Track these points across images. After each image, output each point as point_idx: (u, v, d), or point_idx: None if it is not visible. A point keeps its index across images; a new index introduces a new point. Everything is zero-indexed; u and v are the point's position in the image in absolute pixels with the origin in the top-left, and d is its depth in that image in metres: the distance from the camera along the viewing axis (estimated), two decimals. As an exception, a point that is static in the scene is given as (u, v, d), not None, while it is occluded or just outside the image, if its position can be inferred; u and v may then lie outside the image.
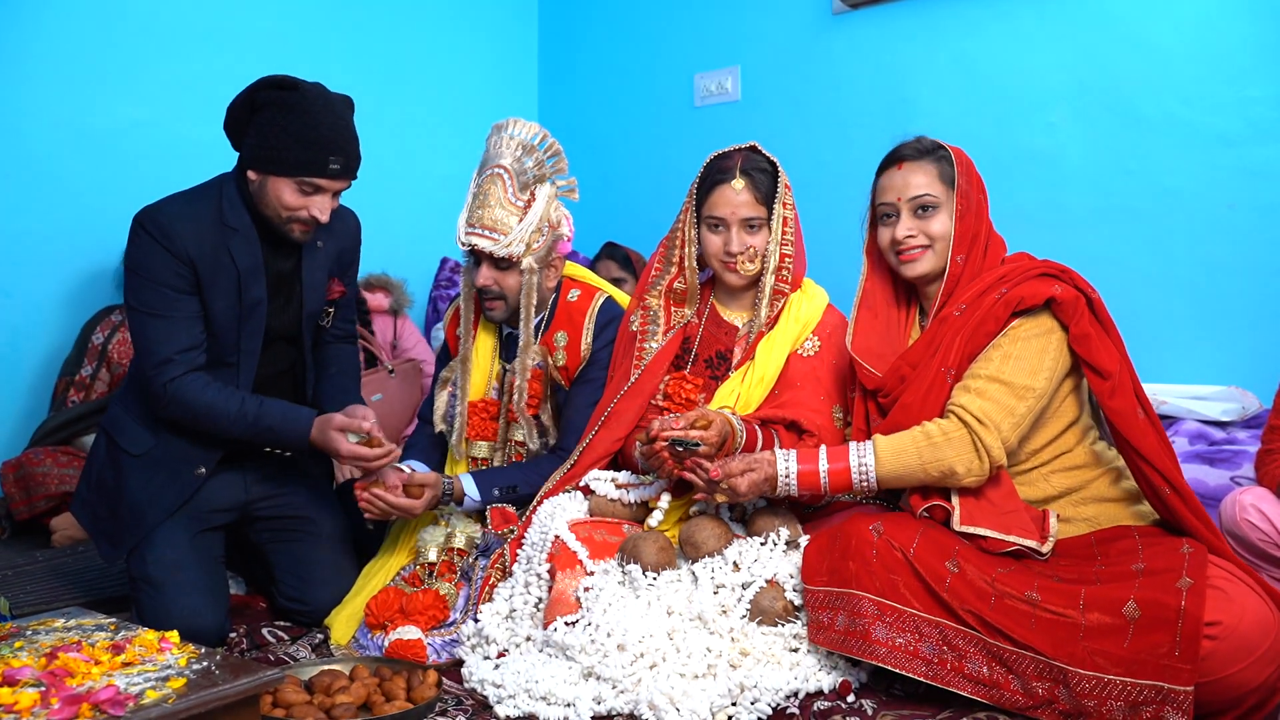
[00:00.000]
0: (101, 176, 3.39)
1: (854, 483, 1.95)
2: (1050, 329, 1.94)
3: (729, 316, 2.38)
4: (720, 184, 2.26)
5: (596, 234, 4.11)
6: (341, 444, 2.18)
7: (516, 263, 2.35)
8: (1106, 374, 1.90)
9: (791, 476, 1.97)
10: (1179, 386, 3.07)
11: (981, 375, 1.93)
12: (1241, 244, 3.11)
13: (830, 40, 3.93)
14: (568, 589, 2.01)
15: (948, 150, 2.10)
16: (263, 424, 2.22)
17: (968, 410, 1.90)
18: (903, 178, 2.09)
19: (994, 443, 1.88)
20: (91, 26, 3.38)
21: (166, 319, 2.20)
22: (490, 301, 2.42)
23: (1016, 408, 1.90)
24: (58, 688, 1.34)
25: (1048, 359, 1.92)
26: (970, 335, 1.98)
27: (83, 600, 2.49)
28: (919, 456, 1.90)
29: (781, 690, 1.81)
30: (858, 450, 1.95)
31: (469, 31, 4.55)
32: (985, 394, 1.91)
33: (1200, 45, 3.17)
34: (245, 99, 2.20)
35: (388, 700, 1.80)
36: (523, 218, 2.34)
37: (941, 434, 1.90)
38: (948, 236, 2.07)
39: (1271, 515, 2.15)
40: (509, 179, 2.34)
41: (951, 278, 2.06)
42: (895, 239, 2.09)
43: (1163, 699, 1.62)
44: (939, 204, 2.07)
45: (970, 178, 2.09)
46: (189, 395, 2.20)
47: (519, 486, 2.36)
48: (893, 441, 1.93)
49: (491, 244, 2.33)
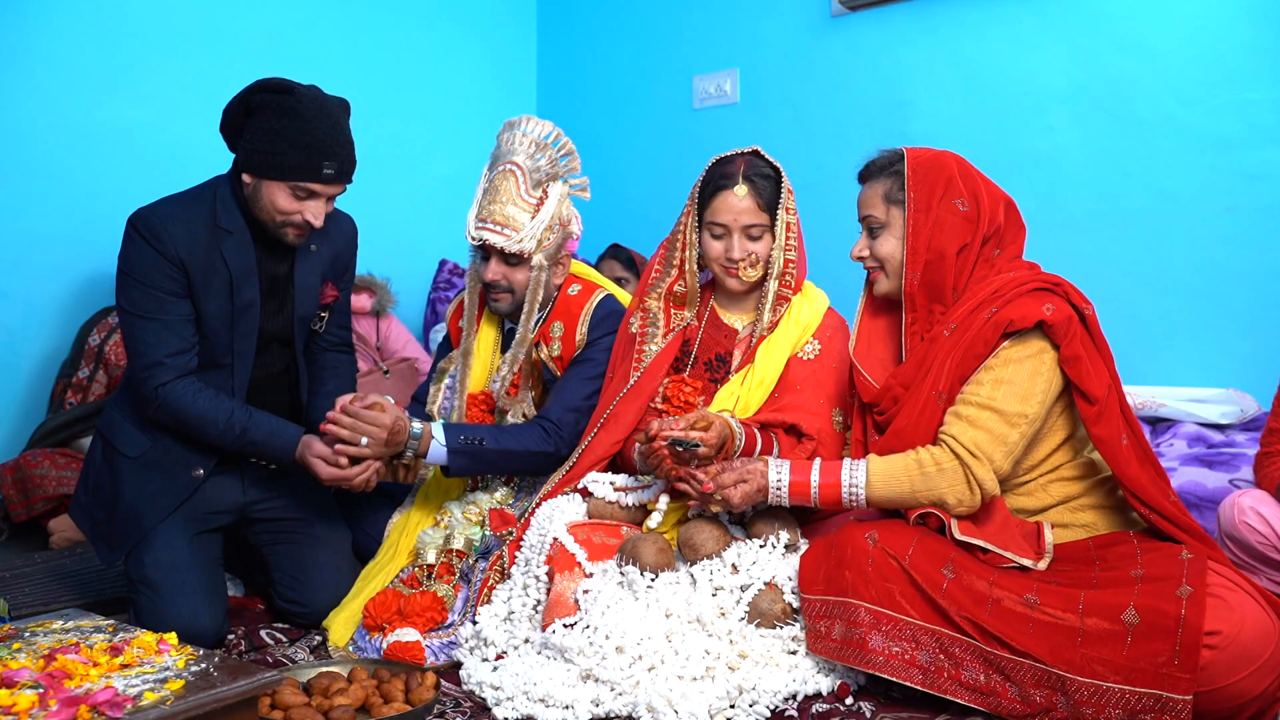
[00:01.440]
0: (100, 178, 3.38)
1: (843, 500, 1.93)
2: (1042, 349, 1.89)
3: (729, 319, 2.38)
4: (723, 190, 2.25)
5: (594, 235, 4.11)
6: (320, 469, 2.21)
7: (526, 259, 2.38)
8: (1093, 399, 1.87)
9: (783, 487, 1.96)
10: (1178, 389, 3.08)
11: (973, 402, 1.89)
12: (1240, 246, 3.12)
13: (829, 43, 3.93)
14: (566, 591, 2.01)
15: (904, 165, 2.03)
16: (248, 437, 2.23)
17: (959, 441, 1.86)
18: (861, 195, 2.08)
19: (986, 476, 1.85)
20: (91, 28, 3.38)
21: (157, 321, 2.20)
22: (497, 294, 2.45)
23: (1009, 435, 1.86)
24: (56, 689, 1.33)
25: (1040, 382, 1.88)
26: (960, 358, 1.93)
27: (81, 602, 2.49)
28: (910, 485, 1.88)
29: (780, 692, 1.81)
30: (850, 469, 1.93)
31: (468, 33, 4.56)
32: (977, 423, 1.87)
33: (1198, 48, 3.18)
34: (240, 101, 2.19)
35: (386, 702, 1.80)
36: (535, 215, 2.36)
37: (934, 464, 1.87)
38: (895, 258, 2.03)
39: (1270, 518, 2.15)
40: (522, 176, 2.37)
41: (906, 296, 2.02)
42: (852, 256, 2.10)
43: (1161, 707, 1.61)
44: (882, 225, 2.04)
45: (928, 189, 2.00)
46: (179, 402, 2.20)
47: (485, 440, 2.33)
48: (885, 465, 1.91)
49: (503, 240, 2.35)
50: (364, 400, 2.23)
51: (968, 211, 1.99)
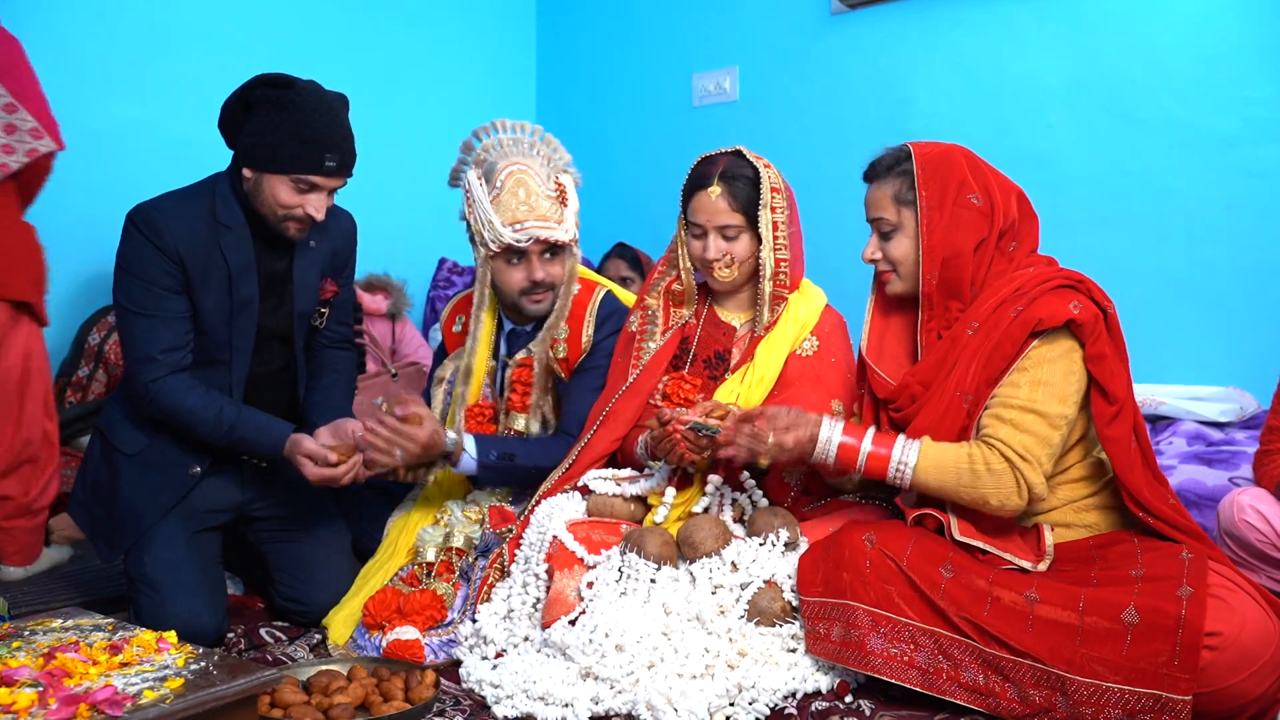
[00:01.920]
0: (100, 178, 3.38)
1: (889, 475, 1.89)
2: (1071, 349, 1.87)
3: (726, 317, 2.38)
4: (699, 190, 2.26)
5: (592, 234, 4.09)
6: (308, 468, 2.20)
7: (564, 249, 2.41)
8: (1114, 399, 1.85)
9: (833, 445, 1.91)
10: (1177, 387, 3.08)
11: (1014, 405, 1.86)
12: (1240, 245, 3.12)
13: (828, 40, 3.93)
14: (566, 589, 2.01)
15: (912, 163, 1.99)
16: (237, 434, 2.23)
17: (1009, 446, 1.83)
18: (867, 196, 2.06)
19: (1036, 479, 1.83)
20: (89, 27, 3.38)
21: (152, 317, 2.20)
22: (540, 294, 2.44)
23: (1052, 438, 1.85)
24: (55, 688, 1.33)
25: (1074, 381, 1.86)
26: (987, 359, 1.90)
27: (80, 600, 2.48)
28: (957, 478, 1.85)
29: (779, 690, 1.81)
30: (903, 445, 1.89)
31: (467, 31, 4.55)
32: (1022, 426, 1.84)
33: (1199, 46, 3.18)
34: (239, 97, 2.20)
35: (385, 700, 1.80)
36: (565, 204, 2.40)
37: (985, 466, 1.84)
38: (909, 259, 2.00)
39: (1270, 516, 2.14)
40: (535, 173, 2.40)
41: (924, 296, 2.00)
42: (864, 258, 2.07)
43: (1160, 708, 1.60)
44: (894, 226, 2.01)
45: (939, 187, 1.96)
46: (170, 397, 2.20)
47: (518, 456, 2.36)
48: (939, 452, 1.87)
49: (552, 232, 2.37)
50: (404, 408, 2.22)
51: (982, 206, 1.96)
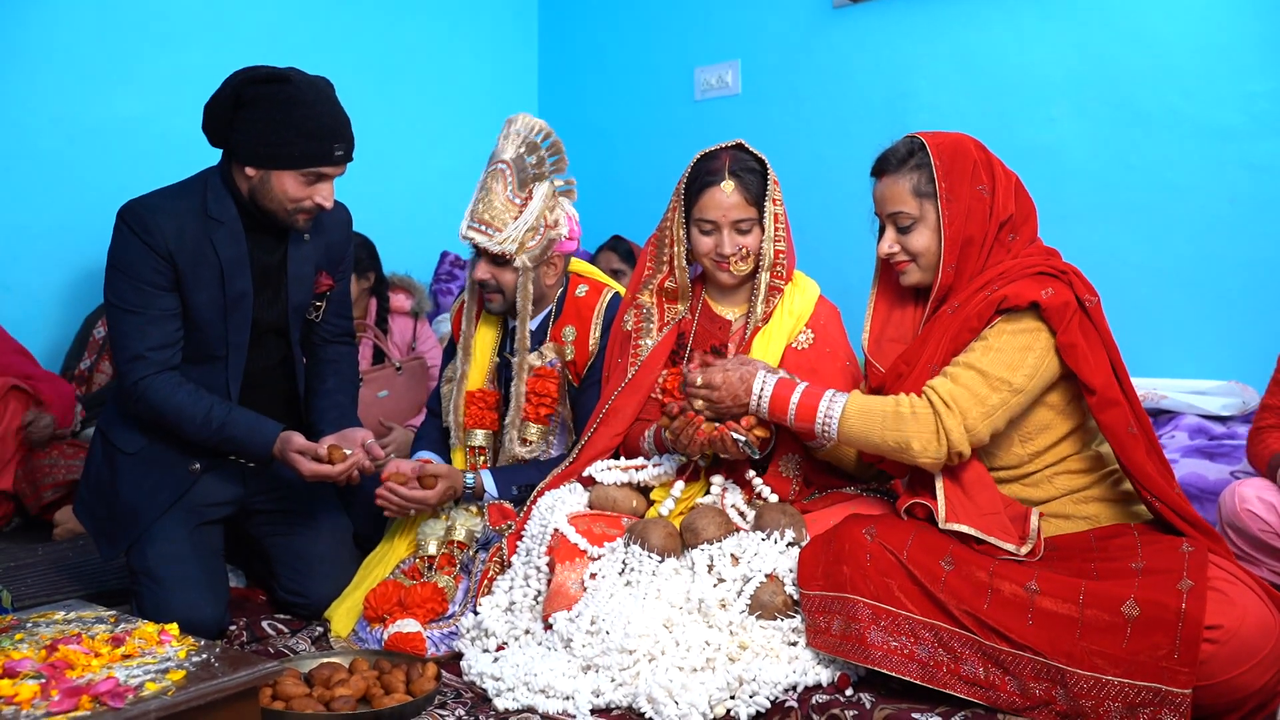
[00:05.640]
0: (101, 171, 3.38)
1: (816, 424, 1.93)
2: (1036, 329, 1.89)
3: (721, 311, 2.38)
4: (709, 186, 2.23)
5: (595, 227, 4.10)
6: (302, 465, 2.20)
7: (511, 260, 2.36)
8: (1091, 388, 1.87)
9: (765, 397, 1.98)
10: (1179, 381, 3.07)
11: (959, 363, 1.91)
12: (1243, 238, 3.11)
13: (830, 34, 3.92)
14: (567, 581, 2.02)
15: (928, 154, 2.01)
16: (226, 433, 2.22)
17: (936, 392, 1.88)
18: (882, 190, 2.06)
19: (955, 426, 1.85)
20: (90, 22, 3.38)
21: (141, 315, 2.20)
22: (489, 294, 2.45)
23: (989, 397, 1.86)
24: (58, 680, 1.34)
25: (1030, 357, 1.87)
26: (956, 332, 1.95)
27: (83, 593, 2.49)
28: (882, 423, 1.89)
29: (780, 684, 1.81)
30: (831, 396, 1.94)
31: (469, 25, 4.55)
32: (958, 379, 1.88)
33: (1201, 39, 3.17)
34: (228, 95, 2.17)
35: (387, 693, 1.81)
36: (518, 216, 2.35)
37: (909, 409, 1.88)
38: (930, 250, 2.01)
39: (1274, 505, 2.13)
40: (510, 175, 2.37)
41: (941, 287, 2.02)
42: (881, 253, 2.08)
43: (1160, 701, 1.60)
44: (914, 219, 2.02)
45: (957, 177, 1.99)
46: (158, 396, 2.19)
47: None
48: (864, 402, 1.93)
49: (486, 240, 2.35)
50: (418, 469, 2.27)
51: (986, 196, 2.00)
